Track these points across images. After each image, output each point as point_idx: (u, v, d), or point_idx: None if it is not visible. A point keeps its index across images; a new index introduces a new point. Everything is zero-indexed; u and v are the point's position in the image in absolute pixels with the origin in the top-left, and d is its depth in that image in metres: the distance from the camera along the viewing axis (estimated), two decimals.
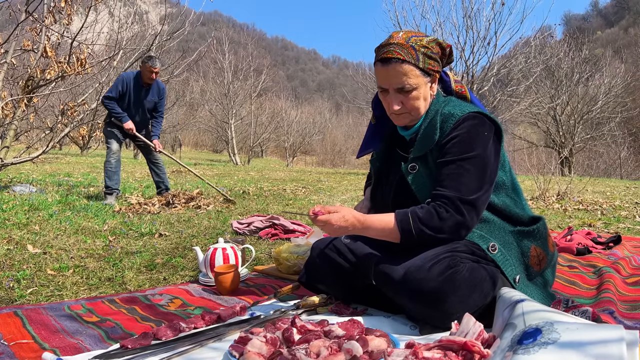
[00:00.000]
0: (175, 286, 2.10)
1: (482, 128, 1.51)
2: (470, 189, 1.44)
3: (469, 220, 1.44)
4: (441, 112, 1.55)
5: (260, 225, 3.45)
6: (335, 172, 14.90)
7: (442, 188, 1.47)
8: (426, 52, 1.51)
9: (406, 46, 1.49)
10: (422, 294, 1.37)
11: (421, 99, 1.55)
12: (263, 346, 1.18)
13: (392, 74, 1.51)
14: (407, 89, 1.52)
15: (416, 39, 1.52)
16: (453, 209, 1.43)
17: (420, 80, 1.52)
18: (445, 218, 1.43)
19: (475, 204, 1.45)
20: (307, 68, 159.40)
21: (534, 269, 1.57)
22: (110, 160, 4.81)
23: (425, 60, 1.51)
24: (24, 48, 5.20)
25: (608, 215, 4.73)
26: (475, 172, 1.46)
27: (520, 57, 12.73)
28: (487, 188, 1.48)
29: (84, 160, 12.94)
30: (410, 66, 1.49)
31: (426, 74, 1.53)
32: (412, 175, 1.56)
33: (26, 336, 1.46)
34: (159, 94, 5.03)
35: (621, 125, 22.32)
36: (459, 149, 1.48)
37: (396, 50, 1.49)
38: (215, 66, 22.33)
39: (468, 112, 1.51)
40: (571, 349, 0.94)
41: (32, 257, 2.51)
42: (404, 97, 1.54)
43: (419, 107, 1.56)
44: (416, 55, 1.49)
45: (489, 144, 1.50)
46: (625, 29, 70.58)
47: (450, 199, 1.44)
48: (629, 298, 1.84)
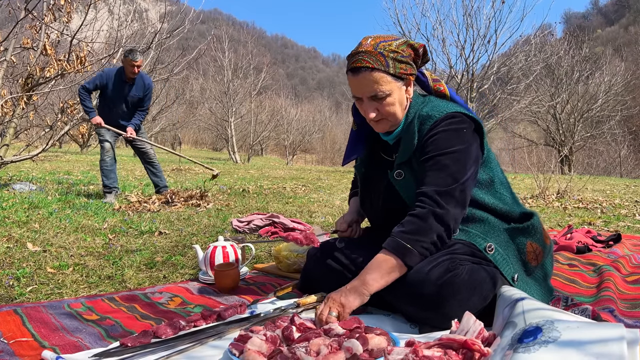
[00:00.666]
0: (175, 284, 2.09)
1: (460, 126, 1.51)
2: (447, 181, 1.44)
3: (450, 210, 1.42)
4: (419, 115, 1.55)
5: (260, 223, 3.44)
6: (335, 170, 14.90)
7: (422, 186, 1.47)
8: (396, 57, 1.49)
9: (374, 53, 1.48)
10: (421, 298, 1.37)
11: (396, 104, 1.54)
12: (263, 344, 1.18)
13: (364, 83, 1.50)
14: (381, 96, 1.50)
15: (384, 45, 1.49)
16: (429, 202, 1.42)
17: (393, 86, 1.51)
18: (424, 215, 1.41)
19: (453, 194, 1.43)
20: (307, 66, 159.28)
21: (532, 264, 1.57)
22: (105, 159, 4.78)
23: (396, 65, 1.49)
24: (23, 46, 5.19)
25: (608, 213, 4.73)
26: (453, 165, 1.46)
27: (521, 55, 12.71)
28: (466, 179, 1.47)
29: (83, 159, 12.94)
30: (380, 73, 1.48)
31: (398, 79, 1.51)
32: (398, 182, 1.57)
33: (26, 334, 1.46)
34: (143, 89, 4.87)
35: (621, 124, 22.33)
36: (436, 146, 1.48)
37: (364, 58, 1.48)
38: (215, 64, 22.31)
39: (446, 113, 1.51)
40: (572, 347, 0.94)
41: (31, 255, 2.51)
42: (379, 104, 1.53)
43: (395, 112, 1.55)
44: (385, 62, 1.48)
45: (466, 140, 1.50)
46: (625, 27, 70.49)
47: (427, 193, 1.44)
48: (629, 296, 1.84)
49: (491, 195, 1.57)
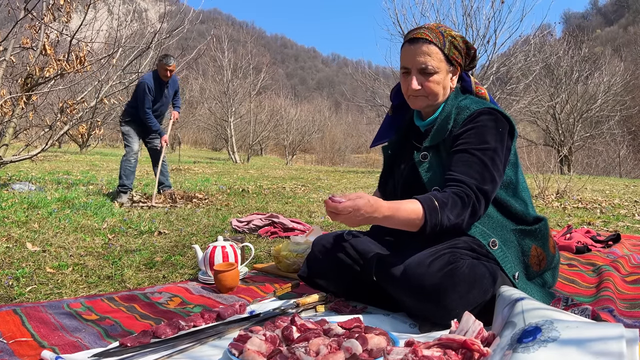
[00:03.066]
0: (174, 284, 2.09)
1: (496, 123, 1.53)
2: (484, 178, 1.46)
3: (481, 210, 1.47)
4: (457, 106, 1.59)
5: (259, 223, 3.44)
6: (334, 170, 14.90)
7: (457, 173, 1.48)
8: (453, 42, 1.58)
9: (435, 31, 1.58)
10: (422, 290, 1.37)
11: (440, 85, 1.59)
12: (262, 344, 1.18)
13: (418, 53, 1.57)
14: (429, 71, 1.56)
15: (446, 28, 1.60)
16: (473, 194, 1.44)
17: (442, 66, 1.58)
18: (467, 203, 1.43)
19: (488, 195, 1.47)
20: (307, 66, 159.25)
21: (533, 269, 1.57)
22: (130, 159, 4.91)
23: (451, 49, 1.58)
24: (23, 46, 5.18)
25: (607, 213, 4.73)
26: (488, 163, 1.48)
27: (520, 55, 12.72)
28: (497, 182, 1.50)
29: (83, 158, 12.93)
30: (436, 48, 1.56)
31: (449, 62, 1.59)
32: (423, 164, 1.58)
33: (25, 334, 1.46)
34: (174, 86, 5.20)
35: (620, 124, 22.35)
36: (473, 140, 1.51)
37: (425, 32, 1.57)
38: (214, 64, 22.29)
39: (483, 107, 1.54)
40: (571, 347, 0.94)
41: (31, 255, 2.51)
42: (424, 79, 1.58)
43: (437, 92, 1.59)
44: (443, 41, 1.57)
45: (502, 140, 1.53)
46: (624, 28, 70.54)
47: (469, 185, 1.45)
48: (628, 296, 1.84)
49: (508, 195, 1.59)
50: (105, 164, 10.87)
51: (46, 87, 5.52)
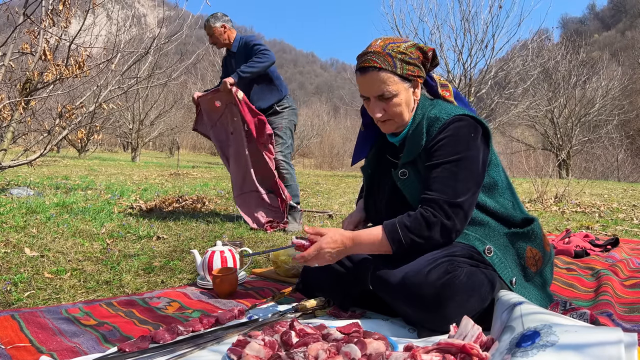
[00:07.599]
0: (173, 289, 2.09)
1: (468, 129, 1.51)
2: (457, 191, 1.45)
3: (458, 224, 1.45)
4: (427, 116, 1.56)
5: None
6: (333, 174, 14.90)
7: (430, 192, 1.48)
8: (404, 59, 1.52)
9: (382, 54, 1.51)
10: (420, 299, 1.37)
11: (403, 105, 1.56)
12: (261, 349, 1.18)
13: (371, 83, 1.54)
14: (387, 96, 1.54)
15: (393, 46, 1.53)
16: (441, 213, 1.44)
17: (400, 87, 1.54)
18: (433, 223, 1.43)
19: (463, 206, 1.45)
20: (305, 71, 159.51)
21: (531, 270, 1.57)
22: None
23: (404, 67, 1.53)
24: (22, 51, 5.19)
25: (606, 217, 4.74)
26: (462, 174, 1.47)
27: (518, 60, 12.75)
28: (475, 190, 1.49)
29: (81, 163, 12.92)
30: (387, 74, 1.51)
31: (406, 80, 1.55)
32: (402, 181, 1.57)
33: (23, 340, 1.45)
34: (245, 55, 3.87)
35: (618, 128, 22.40)
36: (445, 152, 1.49)
37: (372, 58, 1.52)
38: (213, 69, 22.32)
39: (454, 115, 1.52)
40: (570, 351, 0.94)
41: (29, 260, 2.50)
42: (386, 104, 1.56)
43: (402, 113, 1.58)
44: (393, 63, 1.51)
45: (475, 146, 1.51)
46: (622, 32, 70.80)
47: (438, 202, 1.44)
48: (627, 300, 1.84)
49: (493, 199, 1.57)
50: (104, 169, 10.86)
51: (45, 92, 5.52)
